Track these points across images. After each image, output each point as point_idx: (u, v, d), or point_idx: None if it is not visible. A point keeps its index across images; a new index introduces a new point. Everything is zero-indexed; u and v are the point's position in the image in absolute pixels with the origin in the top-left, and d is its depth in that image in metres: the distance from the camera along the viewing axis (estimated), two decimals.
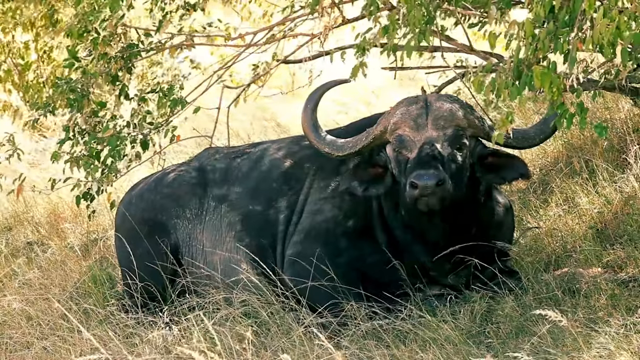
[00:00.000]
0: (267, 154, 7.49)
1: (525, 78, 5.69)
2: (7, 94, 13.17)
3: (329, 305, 6.78)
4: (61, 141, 8.11)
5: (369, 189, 6.87)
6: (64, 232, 9.13)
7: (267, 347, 6.45)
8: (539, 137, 6.80)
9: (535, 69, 5.61)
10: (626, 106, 8.45)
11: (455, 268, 6.87)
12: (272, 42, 8.17)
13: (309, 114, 7.03)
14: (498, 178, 6.80)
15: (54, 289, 7.58)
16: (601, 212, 7.59)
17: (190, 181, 7.53)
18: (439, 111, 6.71)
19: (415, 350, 6.21)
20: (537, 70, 5.61)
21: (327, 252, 6.96)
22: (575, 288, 6.72)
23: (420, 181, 6.47)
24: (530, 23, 5.69)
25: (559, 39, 5.64)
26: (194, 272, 7.32)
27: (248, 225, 7.29)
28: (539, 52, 5.68)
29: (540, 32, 5.68)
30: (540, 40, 5.66)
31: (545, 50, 5.65)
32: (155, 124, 8.11)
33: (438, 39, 7.33)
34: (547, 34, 5.65)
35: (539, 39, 5.66)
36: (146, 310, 7.14)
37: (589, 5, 5.52)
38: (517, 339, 6.26)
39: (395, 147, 6.77)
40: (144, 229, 7.44)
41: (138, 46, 8.11)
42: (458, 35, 7.88)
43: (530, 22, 5.69)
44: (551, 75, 5.59)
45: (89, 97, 7.98)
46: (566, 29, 5.63)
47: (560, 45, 5.62)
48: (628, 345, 5.80)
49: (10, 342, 6.93)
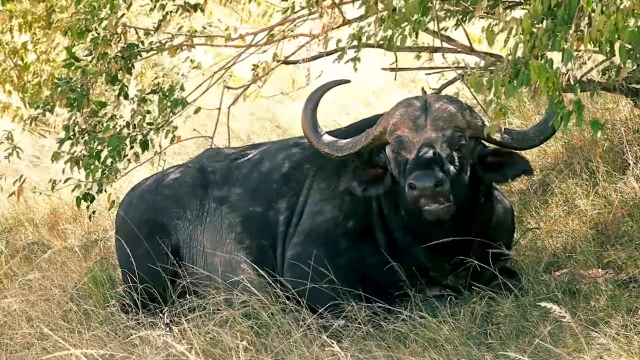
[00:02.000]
0: (267, 155, 7.49)
1: (522, 76, 5.69)
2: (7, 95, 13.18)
3: (329, 307, 6.78)
4: (61, 141, 8.12)
5: (368, 190, 6.87)
6: (65, 233, 9.14)
7: (267, 348, 6.45)
8: (539, 138, 6.80)
9: (532, 63, 5.60)
10: (626, 107, 8.45)
11: (456, 269, 6.87)
12: (272, 42, 8.18)
13: (308, 114, 7.03)
14: (500, 176, 6.80)
15: (54, 289, 7.58)
16: (601, 213, 7.59)
17: (190, 182, 7.53)
18: (438, 112, 6.71)
19: (416, 351, 6.21)
20: (533, 64, 5.60)
21: (327, 253, 6.96)
22: (575, 289, 6.72)
23: (418, 182, 6.47)
24: (529, 20, 5.68)
25: (556, 36, 5.64)
26: (194, 273, 7.32)
27: (248, 227, 7.29)
28: (536, 49, 5.68)
29: (538, 30, 5.67)
30: (538, 37, 5.66)
31: (543, 48, 5.65)
32: (155, 124, 8.12)
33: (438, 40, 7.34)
34: (545, 32, 5.65)
35: (537, 37, 5.66)
36: (146, 312, 7.14)
37: (587, 3, 5.51)
38: (517, 340, 6.26)
39: (395, 148, 6.77)
40: (144, 229, 7.44)
41: (138, 46, 8.12)
42: (458, 36, 7.89)
43: (529, 18, 5.68)
44: (547, 70, 5.58)
45: (88, 96, 7.98)
46: (564, 27, 5.63)
47: (558, 42, 5.62)
48: (628, 346, 5.81)
49: (11, 342, 6.93)
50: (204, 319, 6.61)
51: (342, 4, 7.63)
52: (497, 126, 5.99)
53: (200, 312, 6.68)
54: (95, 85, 8.03)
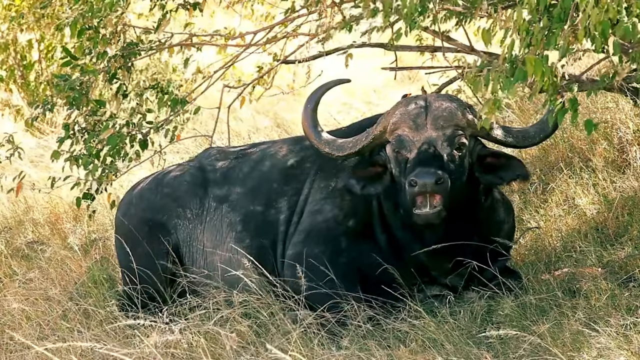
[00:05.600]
0: (267, 154, 7.48)
1: (519, 73, 5.68)
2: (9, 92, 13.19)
3: (329, 306, 6.78)
4: (61, 139, 8.11)
5: (366, 187, 6.87)
6: (64, 232, 9.13)
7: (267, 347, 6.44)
8: (539, 136, 6.81)
9: (528, 57, 5.60)
10: (626, 106, 8.45)
11: (456, 268, 6.86)
12: (273, 42, 8.17)
13: (309, 114, 7.03)
14: (496, 178, 6.81)
15: (54, 289, 7.57)
16: (601, 212, 7.59)
17: (190, 181, 7.53)
18: (439, 111, 6.71)
19: (416, 350, 6.20)
20: (529, 58, 5.60)
21: (328, 252, 6.96)
22: (575, 288, 6.72)
23: (419, 179, 6.47)
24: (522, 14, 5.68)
25: (552, 33, 5.64)
26: (194, 272, 7.32)
27: (248, 226, 7.29)
28: (532, 47, 5.68)
29: (534, 28, 5.67)
30: (534, 35, 5.66)
31: (538, 46, 5.65)
32: (155, 123, 8.11)
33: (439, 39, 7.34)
34: (540, 29, 5.65)
35: (533, 34, 5.66)
36: (146, 311, 7.13)
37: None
38: (517, 339, 6.25)
39: (395, 147, 6.77)
40: (144, 229, 7.43)
41: (138, 45, 8.11)
42: (459, 35, 7.88)
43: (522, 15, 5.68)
44: (543, 65, 5.58)
45: (88, 95, 7.97)
46: (560, 24, 5.63)
47: (554, 39, 5.62)
48: (628, 345, 5.81)
49: (11, 342, 6.92)
50: (203, 319, 6.61)
51: (342, 3, 7.62)
52: (490, 120, 5.96)
53: (200, 312, 6.68)
54: (95, 84, 8.02)
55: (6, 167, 8.31)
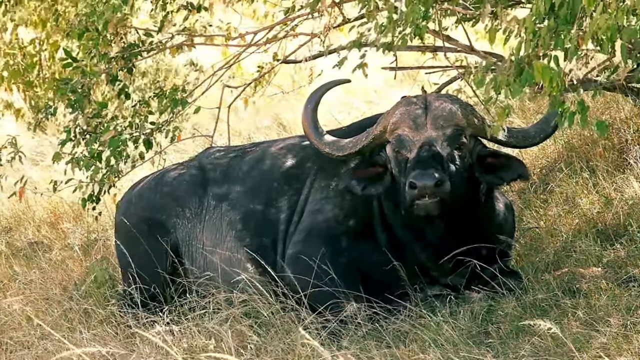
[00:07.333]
0: (268, 154, 7.49)
1: (526, 75, 5.68)
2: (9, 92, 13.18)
3: (330, 305, 6.78)
4: (62, 142, 8.11)
5: (367, 188, 6.87)
6: (65, 232, 9.14)
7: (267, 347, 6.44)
8: (539, 136, 6.81)
9: (536, 64, 5.60)
10: (626, 106, 8.45)
11: (456, 268, 6.86)
12: (273, 42, 8.18)
13: (309, 114, 7.03)
14: (497, 178, 6.80)
15: (55, 289, 7.58)
16: (601, 212, 7.59)
17: (190, 180, 7.54)
18: (439, 111, 6.71)
19: (416, 350, 6.20)
20: (537, 65, 5.60)
21: (328, 251, 6.96)
22: (575, 288, 6.71)
23: (419, 181, 6.48)
24: (531, 19, 5.68)
25: (559, 35, 5.64)
26: (194, 271, 7.33)
27: (248, 225, 7.29)
28: (539, 48, 5.68)
29: (541, 29, 5.67)
30: (541, 37, 5.65)
31: (545, 47, 5.65)
32: (156, 124, 8.12)
33: (439, 39, 7.34)
34: (547, 31, 5.65)
35: (540, 36, 5.66)
36: (146, 310, 7.14)
37: (589, 3, 5.51)
38: (517, 339, 6.26)
39: (395, 147, 6.77)
40: (143, 228, 7.44)
41: (139, 46, 8.12)
42: (459, 35, 7.89)
43: (532, 17, 5.68)
44: (551, 71, 5.58)
45: (89, 97, 7.98)
46: (566, 26, 5.63)
47: (561, 41, 5.62)
48: (628, 345, 5.80)
49: (11, 342, 6.93)
50: (204, 318, 6.61)
51: (342, 3, 7.63)
52: (501, 126, 5.99)
53: (199, 312, 6.69)
54: (96, 86, 8.03)
55: (7, 167, 8.30)
